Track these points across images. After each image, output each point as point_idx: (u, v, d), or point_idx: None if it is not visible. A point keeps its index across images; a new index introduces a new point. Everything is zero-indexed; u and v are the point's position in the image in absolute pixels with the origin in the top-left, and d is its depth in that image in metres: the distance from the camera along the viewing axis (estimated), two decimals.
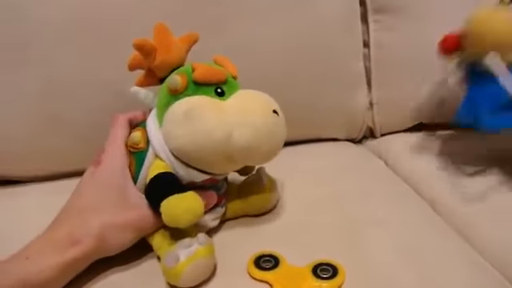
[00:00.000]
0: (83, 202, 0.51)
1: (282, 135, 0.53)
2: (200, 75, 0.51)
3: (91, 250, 0.47)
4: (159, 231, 0.52)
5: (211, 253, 0.48)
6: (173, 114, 0.50)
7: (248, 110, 0.50)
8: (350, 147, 0.87)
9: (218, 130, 0.48)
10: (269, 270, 0.49)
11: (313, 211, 0.61)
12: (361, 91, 0.87)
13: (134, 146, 0.53)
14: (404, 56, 0.84)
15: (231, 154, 0.50)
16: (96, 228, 0.48)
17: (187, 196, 0.48)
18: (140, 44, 0.51)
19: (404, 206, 0.63)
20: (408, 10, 0.85)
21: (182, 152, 0.50)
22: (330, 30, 0.82)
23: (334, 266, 0.49)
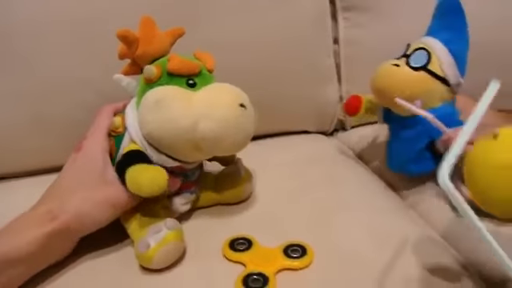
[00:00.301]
0: (63, 183, 0.53)
1: (248, 128, 0.54)
2: (173, 66, 0.53)
3: (69, 225, 0.49)
4: (134, 217, 0.54)
5: (180, 236, 0.51)
6: (146, 102, 0.52)
7: (214, 103, 0.52)
8: (321, 139, 0.90)
9: (184, 120, 0.51)
10: (243, 252, 0.52)
11: (284, 199, 0.64)
12: (331, 86, 0.91)
13: (114, 130, 0.56)
14: (372, 52, 0.88)
15: (197, 144, 0.52)
16: (73, 204, 0.50)
17: (152, 167, 0.51)
18: (123, 34, 0.53)
19: (371, 193, 0.67)
20: (375, 8, 0.89)
21: (152, 138, 0.52)
22: (301, 28, 0.85)
23: (303, 246, 0.52)
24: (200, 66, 0.55)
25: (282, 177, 0.70)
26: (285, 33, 0.83)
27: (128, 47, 0.54)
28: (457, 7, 0.63)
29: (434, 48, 0.63)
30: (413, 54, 0.64)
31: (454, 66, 0.63)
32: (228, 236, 0.55)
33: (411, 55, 0.64)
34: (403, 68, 0.63)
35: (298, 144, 0.86)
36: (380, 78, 0.65)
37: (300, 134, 0.91)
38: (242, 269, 0.50)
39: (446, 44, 0.63)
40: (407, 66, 0.63)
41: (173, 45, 0.59)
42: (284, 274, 0.49)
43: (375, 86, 0.66)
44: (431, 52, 0.63)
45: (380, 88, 0.65)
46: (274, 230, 0.56)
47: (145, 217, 0.54)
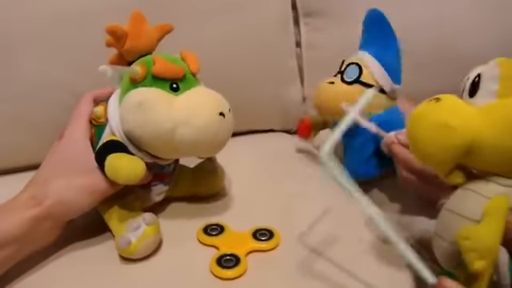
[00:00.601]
0: (46, 170, 0.56)
1: (225, 135, 0.56)
2: (158, 69, 0.54)
3: (51, 211, 0.52)
4: (112, 209, 0.57)
5: (157, 229, 0.55)
6: (128, 101, 0.54)
7: (194, 110, 0.53)
8: (285, 137, 0.95)
9: (164, 124, 0.52)
10: (216, 236, 0.57)
11: (252, 190, 0.70)
12: (294, 87, 0.96)
13: (96, 119, 0.58)
14: (331, 54, 0.91)
15: (175, 146, 0.54)
16: (55, 191, 0.53)
17: (131, 156, 0.54)
18: (112, 29, 0.54)
19: (328, 183, 0.72)
20: (333, 13, 0.94)
21: (132, 136, 0.54)
22: (266, 32, 0.90)
23: (270, 230, 0.58)
24: (184, 70, 0.56)
25: (249, 170, 0.76)
26: (250, 36, 0.88)
27: (116, 41, 0.55)
28: (381, 20, 0.68)
29: (364, 61, 0.68)
30: (345, 69, 0.69)
31: (385, 74, 0.68)
32: (201, 222, 0.59)
33: (344, 71, 0.69)
34: (338, 84, 0.68)
35: (263, 141, 0.91)
36: (319, 95, 0.71)
37: (266, 132, 0.96)
38: (215, 251, 0.55)
39: (376, 56, 0.68)
40: (342, 81, 0.68)
41: (160, 40, 0.60)
42: (254, 255, 0.55)
43: (315, 103, 0.72)
44: (361, 65, 0.68)
45: (320, 105, 0.71)
46: (244, 217, 0.61)
47: (122, 209, 0.57)
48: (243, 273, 0.52)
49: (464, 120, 0.40)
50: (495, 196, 0.40)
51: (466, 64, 0.45)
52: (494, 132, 0.39)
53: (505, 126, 0.39)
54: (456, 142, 0.40)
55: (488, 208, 0.40)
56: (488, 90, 0.41)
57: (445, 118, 0.41)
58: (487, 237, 0.39)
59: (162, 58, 0.55)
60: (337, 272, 0.52)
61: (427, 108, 0.43)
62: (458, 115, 0.41)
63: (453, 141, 0.40)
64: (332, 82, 0.69)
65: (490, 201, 0.40)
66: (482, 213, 0.40)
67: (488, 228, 0.39)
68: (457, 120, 0.40)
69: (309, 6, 0.95)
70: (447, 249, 0.42)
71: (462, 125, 0.40)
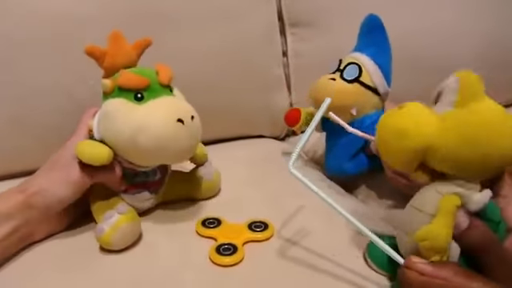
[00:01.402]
0: (39, 170, 0.60)
1: (187, 141, 0.57)
2: (121, 81, 0.57)
3: (32, 199, 0.55)
4: (96, 204, 0.60)
5: (133, 218, 0.58)
6: (100, 112, 0.59)
7: (150, 117, 0.55)
8: (273, 143, 0.99)
9: (124, 132, 0.55)
10: (213, 228, 0.60)
11: (244, 187, 0.73)
12: (282, 94, 1.00)
13: (90, 131, 0.61)
14: (317, 63, 0.97)
15: (140, 153, 0.57)
16: (36, 181, 0.57)
17: (100, 143, 0.58)
18: (90, 51, 0.58)
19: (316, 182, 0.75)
20: (318, 24, 0.99)
21: (106, 144, 0.58)
22: (253, 42, 0.94)
23: (265, 222, 0.61)
24: (148, 81, 0.57)
25: (240, 172, 0.79)
26: (238, 46, 0.91)
27: (97, 61, 0.59)
28: (379, 25, 0.72)
29: (363, 62, 0.71)
30: (345, 68, 0.71)
31: (382, 77, 0.71)
32: (199, 217, 0.63)
33: (344, 69, 0.71)
34: (339, 81, 0.70)
35: (254, 146, 0.95)
36: (318, 91, 0.72)
37: (255, 138, 0.99)
38: (213, 242, 0.58)
39: (373, 58, 0.71)
40: (341, 79, 0.71)
41: (140, 55, 0.64)
42: (250, 245, 0.58)
43: (315, 98, 0.73)
44: (361, 65, 0.71)
45: (318, 99, 0.71)
46: (238, 211, 0.64)
47: (103, 207, 0.59)
48: (240, 260, 0.55)
49: (419, 126, 0.45)
50: (447, 194, 0.45)
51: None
52: (447, 138, 0.44)
53: (456, 132, 0.43)
54: (410, 145, 0.45)
55: (440, 205, 0.45)
56: (448, 101, 0.45)
57: (401, 123, 0.46)
58: (441, 235, 0.44)
59: (128, 71, 0.58)
60: (327, 260, 0.55)
61: (390, 114, 0.48)
62: (414, 121, 0.45)
63: (407, 144, 0.45)
64: (333, 78, 0.71)
65: (442, 198, 0.45)
66: (436, 209, 0.45)
67: (440, 227, 0.44)
68: (412, 125, 0.45)
69: (294, 17, 0.99)
70: (405, 240, 0.48)
71: (416, 130, 0.45)
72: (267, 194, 0.71)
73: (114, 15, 0.80)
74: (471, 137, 0.42)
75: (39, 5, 0.77)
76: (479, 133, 0.42)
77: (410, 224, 0.47)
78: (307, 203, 0.67)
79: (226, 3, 0.90)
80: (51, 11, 0.77)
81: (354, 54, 0.73)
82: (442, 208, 0.45)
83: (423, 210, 0.46)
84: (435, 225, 0.44)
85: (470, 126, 0.43)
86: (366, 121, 0.71)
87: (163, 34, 0.84)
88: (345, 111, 0.69)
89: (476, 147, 0.42)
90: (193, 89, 0.63)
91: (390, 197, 0.72)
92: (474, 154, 0.43)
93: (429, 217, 0.45)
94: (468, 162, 0.43)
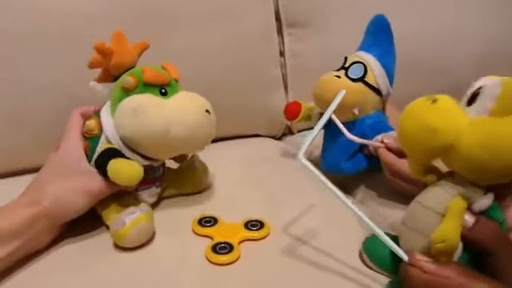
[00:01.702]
0: (43, 177, 0.59)
1: (211, 130, 0.63)
2: (148, 77, 0.60)
3: (48, 210, 0.54)
4: (109, 207, 0.60)
5: (151, 219, 0.59)
6: (123, 108, 0.59)
7: (185, 110, 0.60)
8: (269, 142, 1.00)
9: (159, 125, 0.58)
10: (210, 227, 0.61)
11: (241, 185, 0.74)
12: (279, 94, 1.01)
13: (89, 132, 0.62)
14: (313, 63, 0.99)
15: (169, 144, 0.60)
16: (52, 191, 0.56)
17: (131, 161, 0.59)
18: (100, 47, 0.59)
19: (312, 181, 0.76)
20: (315, 24, 1.00)
21: (129, 139, 0.59)
22: (251, 42, 0.95)
23: (261, 221, 0.62)
24: (170, 77, 0.62)
25: (237, 171, 0.80)
26: (236, 47, 0.92)
27: (103, 58, 0.60)
28: (386, 26, 0.72)
29: (368, 62, 0.71)
30: (351, 66, 0.71)
31: (386, 78, 0.71)
32: (196, 216, 0.63)
33: (349, 68, 0.71)
34: (344, 79, 0.70)
35: (250, 146, 0.96)
36: (323, 87, 0.71)
37: (252, 137, 1.00)
38: (210, 241, 0.58)
39: (378, 58, 0.71)
40: (346, 77, 0.71)
41: (140, 56, 0.66)
42: (246, 243, 0.58)
43: (318, 94, 0.72)
44: (367, 65, 0.71)
45: (323, 96, 0.71)
46: (234, 210, 0.65)
47: (119, 206, 0.60)
48: (237, 259, 0.55)
49: (449, 125, 0.44)
50: (457, 196, 0.46)
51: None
52: (472, 142, 0.43)
53: (483, 140, 0.43)
54: (436, 143, 0.45)
55: (450, 206, 0.46)
56: (483, 106, 0.44)
57: (432, 120, 0.45)
58: (455, 239, 0.45)
59: (150, 68, 0.61)
60: (323, 259, 0.56)
61: (421, 107, 0.46)
62: (444, 119, 0.44)
63: (433, 142, 0.45)
64: (338, 75, 0.70)
65: (453, 199, 0.46)
66: (444, 208, 0.46)
67: (454, 229, 0.45)
68: (441, 124, 0.44)
69: (292, 17, 1.00)
70: (416, 238, 0.48)
71: (445, 129, 0.44)
72: (264, 192, 0.72)
73: (115, 14, 0.81)
74: (497, 147, 0.42)
75: (39, 1, 0.77)
76: (506, 145, 0.42)
77: (417, 221, 0.48)
78: (304, 202, 0.68)
79: (224, 3, 0.91)
80: (53, 7, 0.78)
81: (359, 53, 0.73)
82: (452, 209, 0.45)
83: (432, 209, 0.47)
84: (449, 227, 0.45)
85: (499, 136, 0.42)
86: (367, 121, 0.71)
87: (163, 34, 0.84)
88: (347, 110, 0.70)
89: (499, 157, 0.42)
90: (190, 88, 0.63)
91: (389, 197, 0.72)
92: (494, 163, 0.42)
93: (437, 216, 0.46)
94: (485, 169, 0.43)
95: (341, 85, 0.69)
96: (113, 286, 0.52)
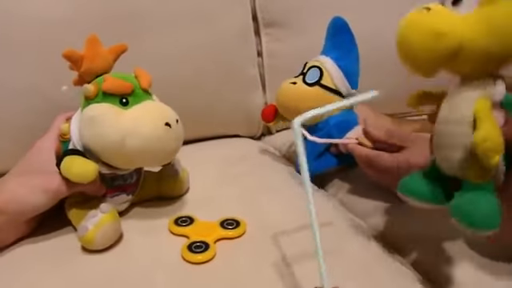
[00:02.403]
0: (10, 173, 0.60)
1: (173, 144, 0.60)
2: (107, 86, 0.58)
3: (4, 205, 0.55)
4: (74, 210, 0.60)
5: (115, 218, 0.58)
6: (83, 117, 0.58)
7: (141, 121, 0.57)
8: (248, 142, 1.01)
9: (112, 136, 0.56)
10: (186, 227, 0.61)
11: (218, 185, 0.74)
12: (257, 94, 1.02)
13: (62, 136, 0.61)
14: (291, 62, 0.97)
15: (127, 156, 0.58)
16: (10, 187, 0.56)
17: (85, 159, 0.57)
18: (68, 55, 0.58)
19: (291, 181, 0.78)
20: (292, 24, 1.01)
21: (88, 148, 0.58)
22: (228, 42, 0.95)
23: (237, 220, 0.62)
24: (132, 86, 0.59)
25: (215, 171, 0.80)
26: (213, 47, 0.93)
27: (73, 64, 0.60)
28: (344, 27, 0.74)
29: (324, 65, 0.73)
30: (307, 71, 0.74)
31: (344, 79, 0.73)
32: (172, 215, 0.63)
33: (306, 73, 0.74)
34: (299, 85, 0.73)
35: (229, 145, 0.96)
36: (280, 95, 0.75)
37: (231, 137, 1.01)
38: (186, 240, 0.58)
39: (336, 61, 0.73)
40: (303, 82, 0.73)
41: (116, 60, 0.64)
42: (222, 242, 0.59)
43: (278, 102, 0.76)
44: (323, 69, 0.73)
45: (282, 104, 0.75)
46: (211, 210, 0.65)
47: (84, 209, 0.59)
48: (212, 257, 0.55)
49: (453, 26, 0.43)
50: (478, 99, 0.44)
51: None
52: (476, 33, 0.43)
53: (486, 26, 0.42)
54: (446, 46, 0.44)
55: (477, 108, 0.44)
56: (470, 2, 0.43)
57: (436, 25, 0.44)
58: (496, 133, 0.42)
59: (112, 77, 0.60)
60: (298, 257, 0.56)
61: (419, 16, 0.45)
62: (447, 22, 0.44)
63: (443, 45, 0.44)
64: (294, 82, 0.73)
65: (475, 104, 0.44)
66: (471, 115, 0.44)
67: (491, 125, 0.42)
68: (447, 27, 0.43)
69: (269, 17, 1.01)
70: (456, 155, 0.45)
71: (451, 31, 0.43)
72: (240, 191, 0.72)
73: (90, 17, 0.81)
74: (500, 26, 0.42)
75: (14, 6, 0.77)
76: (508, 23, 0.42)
77: (454, 140, 0.46)
78: (280, 201, 0.69)
79: (201, 4, 0.92)
80: (26, 13, 0.78)
81: (318, 58, 0.76)
82: (480, 111, 0.43)
83: (461, 121, 0.45)
84: (487, 126, 0.42)
85: (498, 17, 0.42)
86: (331, 121, 0.73)
87: (138, 36, 0.85)
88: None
89: (505, 37, 0.42)
90: (169, 90, 0.64)
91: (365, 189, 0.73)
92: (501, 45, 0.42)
93: (468, 125, 0.44)
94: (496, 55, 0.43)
95: (297, 90, 0.73)
96: (86, 285, 0.52)
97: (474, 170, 0.44)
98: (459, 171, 0.46)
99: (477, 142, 0.42)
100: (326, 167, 0.75)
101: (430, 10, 0.45)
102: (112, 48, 0.64)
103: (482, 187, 0.44)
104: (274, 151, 0.96)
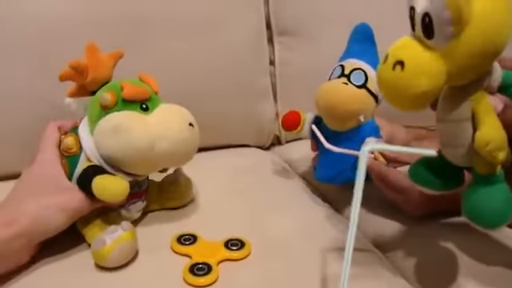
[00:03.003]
0: (20, 191, 0.57)
1: (195, 144, 0.62)
2: (128, 93, 0.58)
3: (27, 229, 0.52)
4: (90, 222, 0.59)
5: (134, 238, 0.57)
6: (104, 127, 0.57)
7: (167, 124, 0.58)
8: (258, 152, 0.98)
9: (143, 142, 0.56)
10: (189, 245, 0.59)
11: (225, 199, 0.72)
12: (268, 103, 1.00)
13: (67, 150, 0.60)
14: (303, 72, 0.98)
15: (154, 160, 0.59)
16: (30, 209, 0.54)
17: (114, 176, 0.57)
18: (75, 65, 0.57)
19: (300, 197, 0.76)
20: (304, 33, 0.99)
21: (111, 158, 0.57)
22: (240, 50, 0.93)
23: (241, 240, 0.60)
24: (150, 90, 0.60)
25: (222, 183, 0.78)
26: (226, 55, 0.91)
27: (79, 75, 0.58)
28: (372, 35, 0.72)
29: (365, 68, 0.69)
30: (351, 73, 0.69)
31: None
32: (175, 232, 0.61)
33: (350, 75, 0.69)
34: (351, 86, 0.68)
35: (237, 155, 0.94)
36: (330, 94, 0.69)
37: (240, 147, 0.98)
38: (188, 260, 0.56)
39: (372, 66, 0.70)
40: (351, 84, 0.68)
41: (114, 67, 0.63)
42: (225, 264, 0.56)
43: (325, 101, 0.69)
44: (367, 72, 0.69)
45: (328, 103, 0.68)
46: (217, 228, 0.63)
47: (102, 223, 0.59)
48: (215, 280, 0.53)
49: (433, 78, 0.40)
50: (473, 96, 0.42)
51: None
52: (458, 67, 0.40)
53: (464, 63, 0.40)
54: (430, 97, 0.41)
55: (474, 105, 0.42)
56: (445, 34, 0.39)
57: (416, 89, 0.40)
58: (498, 132, 0.41)
59: (130, 83, 0.59)
60: (304, 281, 0.54)
61: (394, 78, 0.42)
62: (426, 74, 0.40)
63: (427, 99, 0.41)
64: (345, 82, 0.68)
65: (472, 102, 0.42)
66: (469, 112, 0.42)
67: (492, 124, 0.41)
68: (427, 81, 0.40)
69: (282, 25, 0.99)
70: (462, 152, 0.44)
71: (433, 83, 0.40)
72: (247, 208, 0.70)
73: (98, 21, 0.79)
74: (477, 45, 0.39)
75: (18, 7, 0.76)
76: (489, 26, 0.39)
77: (455, 138, 0.44)
78: (287, 219, 0.67)
79: (214, 11, 0.91)
80: (28, 13, 0.77)
81: (353, 60, 0.71)
82: (478, 109, 0.42)
83: (460, 120, 0.43)
84: (486, 127, 0.41)
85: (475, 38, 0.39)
86: (369, 127, 0.70)
87: (148, 43, 0.83)
88: (353, 117, 0.68)
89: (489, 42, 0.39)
90: (178, 97, 0.62)
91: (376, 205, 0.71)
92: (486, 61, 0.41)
93: (468, 122, 0.42)
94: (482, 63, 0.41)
95: (348, 91, 0.68)
96: None
97: (480, 164, 0.43)
98: (467, 164, 0.45)
99: (479, 145, 0.40)
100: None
101: (403, 68, 0.41)
102: (111, 54, 0.63)
103: (492, 177, 0.43)
104: (283, 163, 0.94)
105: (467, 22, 0.39)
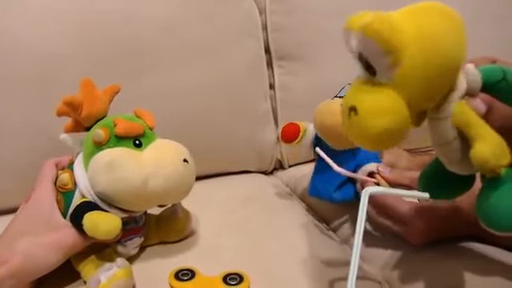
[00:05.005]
0: (13, 229, 0.56)
1: (190, 180, 0.61)
2: (120, 129, 0.57)
3: (18, 268, 0.51)
4: (85, 258, 0.58)
5: (129, 274, 0.56)
6: (96, 163, 0.56)
7: (161, 161, 0.58)
8: (260, 178, 0.97)
9: (136, 179, 0.55)
10: (187, 281, 0.57)
11: (224, 232, 0.71)
12: (269, 128, 0.99)
13: (63, 186, 0.59)
14: (303, 96, 0.97)
15: (148, 197, 0.58)
16: (22, 248, 0.53)
17: (107, 213, 0.56)
18: (69, 101, 0.57)
19: (302, 225, 0.74)
20: (305, 57, 0.98)
21: (105, 195, 0.56)
22: (240, 75, 0.93)
23: (240, 274, 0.58)
24: (144, 126, 0.60)
25: (222, 212, 0.77)
26: (225, 81, 0.91)
27: (73, 111, 0.58)
28: None
29: None
30: None
31: None
32: (173, 267, 0.60)
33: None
34: None
35: (238, 183, 0.93)
36: (333, 115, 0.67)
37: (241, 173, 0.97)
38: None
39: None
40: None
41: (111, 102, 0.63)
42: None
43: (327, 122, 0.68)
44: None
45: (332, 124, 0.67)
46: (215, 261, 0.62)
47: (98, 259, 0.58)
48: None
49: (389, 114, 0.39)
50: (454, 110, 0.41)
51: None
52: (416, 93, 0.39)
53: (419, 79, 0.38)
54: (403, 130, 0.40)
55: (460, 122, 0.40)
56: (385, 67, 0.38)
57: (373, 127, 0.39)
58: (494, 143, 0.40)
59: (122, 119, 0.59)
60: None
61: (353, 124, 0.41)
62: (380, 114, 0.39)
63: (400, 133, 0.40)
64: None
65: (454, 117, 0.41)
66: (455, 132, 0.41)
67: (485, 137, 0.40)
68: (384, 120, 0.39)
69: (282, 50, 0.99)
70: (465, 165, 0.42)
71: (393, 120, 0.39)
72: (247, 240, 0.69)
73: (95, 54, 0.79)
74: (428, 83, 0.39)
75: (17, 41, 0.77)
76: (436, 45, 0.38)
77: (452, 158, 0.43)
78: (287, 250, 0.65)
79: (211, 37, 0.90)
80: (27, 48, 0.77)
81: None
82: (461, 121, 0.40)
83: (446, 142, 0.42)
84: (479, 140, 0.39)
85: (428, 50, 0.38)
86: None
87: (146, 71, 0.83)
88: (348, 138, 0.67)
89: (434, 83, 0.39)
90: (177, 124, 0.64)
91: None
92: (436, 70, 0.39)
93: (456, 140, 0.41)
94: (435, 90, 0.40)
95: None
96: None
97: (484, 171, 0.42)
98: (474, 172, 0.44)
99: (479, 164, 0.39)
100: (346, 198, 0.71)
101: (356, 113, 0.40)
102: (107, 89, 0.63)
103: (500, 178, 0.41)
104: (285, 188, 0.93)
105: (403, 48, 0.38)
